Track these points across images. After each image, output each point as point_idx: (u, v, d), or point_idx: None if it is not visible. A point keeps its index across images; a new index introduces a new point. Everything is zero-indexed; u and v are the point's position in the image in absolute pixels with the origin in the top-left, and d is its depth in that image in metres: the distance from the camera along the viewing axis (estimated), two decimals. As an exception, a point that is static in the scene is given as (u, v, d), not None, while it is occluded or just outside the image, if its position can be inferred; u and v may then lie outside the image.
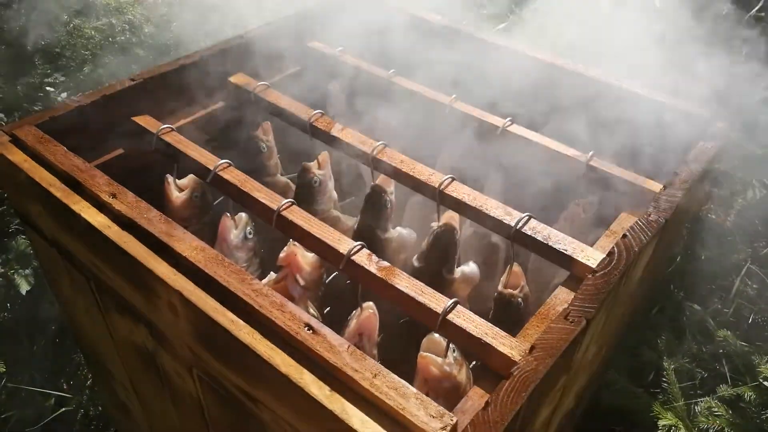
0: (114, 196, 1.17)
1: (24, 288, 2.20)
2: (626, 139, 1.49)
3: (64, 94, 2.63)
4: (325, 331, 0.94)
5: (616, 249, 1.13)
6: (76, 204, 1.15)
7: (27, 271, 2.24)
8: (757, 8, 1.97)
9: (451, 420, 0.82)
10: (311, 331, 0.93)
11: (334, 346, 0.91)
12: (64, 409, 2.07)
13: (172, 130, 1.46)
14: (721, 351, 1.58)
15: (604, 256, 1.13)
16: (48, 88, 2.69)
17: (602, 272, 1.09)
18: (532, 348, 0.95)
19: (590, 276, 1.09)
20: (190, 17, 2.73)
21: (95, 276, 1.27)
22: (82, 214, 1.13)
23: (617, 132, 1.49)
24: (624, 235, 1.16)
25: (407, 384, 0.87)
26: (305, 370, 0.90)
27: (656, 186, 1.36)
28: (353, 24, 1.78)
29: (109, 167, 1.36)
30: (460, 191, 1.34)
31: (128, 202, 1.16)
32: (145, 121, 1.48)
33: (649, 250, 1.23)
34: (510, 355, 0.98)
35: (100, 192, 1.17)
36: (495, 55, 1.75)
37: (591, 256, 1.17)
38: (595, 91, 1.59)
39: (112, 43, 2.68)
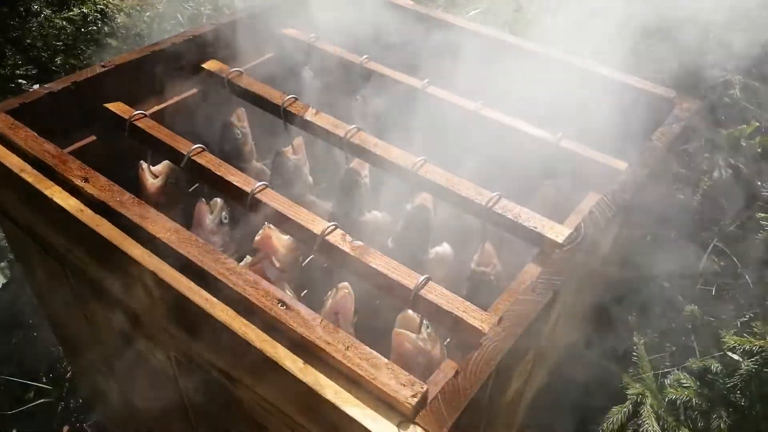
0: (86, 180, 1.17)
1: (0, 280, 2.19)
2: (594, 120, 1.53)
3: (36, 86, 2.60)
4: (299, 306, 0.96)
5: (582, 224, 1.16)
6: (48, 189, 1.16)
7: (3, 264, 2.23)
8: (722, -8, 2.01)
9: (422, 387, 0.85)
10: (285, 307, 0.95)
11: (307, 321, 0.93)
12: (42, 400, 2.06)
13: (145, 116, 1.46)
14: (689, 326, 1.63)
15: (572, 231, 1.16)
16: (20, 80, 2.66)
17: (569, 246, 1.12)
18: (500, 320, 0.98)
19: (557, 250, 1.12)
20: (163, 7, 2.71)
21: (70, 262, 1.27)
22: (55, 199, 1.13)
23: (585, 113, 1.52)
24: (590, 212, 1.19)
25: (379, 355, 0.89)
26: (279, 345, 0.92)
27: (623, 165, 1.39)
28: (328, 10, 1.79)
29: (82, 154, 1.36)
30: (433, 173, 1.37)
31: (101, 186, 1.16)
32: (117, 107, 1.48)
33: (615, 226, 1.27)
34: (480, 327, 1.00)
35: (72, 176, 1.17)
36: (468, 39, 1.77)
37: (560, 232, 1.20)
38: (561, 73, 1.62)
39: (85, 34, 2.65)
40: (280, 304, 0.95)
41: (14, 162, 1.22)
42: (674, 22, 2.00)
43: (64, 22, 2.70)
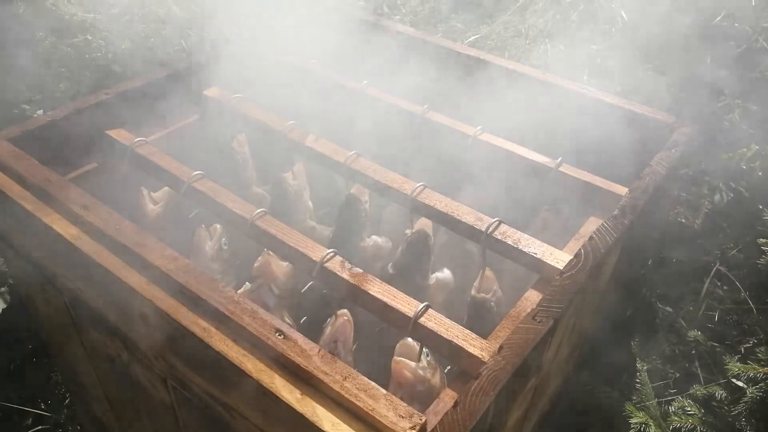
0: (86, 208, 1.17)
1: (0, 306, 2.18)
2: (594, 145, 1.53)
3: (39, 111, 2.62)
4: (296, 336, 0.95)
5: (582, 251, 1.16)
6: (47, 216, 1.16)
7: (3, 289, 2.22)
8: (720, 17, 2.03)
9: (420, 420, 0.84)
10: (282, 337, 0.94)
11: (305, 350, 0.92)
12: (40, 427, 2.04)
13: (146, 143, 1.47)
14: (693, 351, 1.61)
15: (572, 257, 1.16)
16: (24, 106, 2.68)
17: (569, 273, 1.11)
18: (500, 348, 0.97)
19: (557, 277, 1.11)
20: (166, 33, 2.74)
21: (69, 289, 1.27)
22: (54, 227, 1.13)
23: (585, 138, 1.53)
24: (590, 238, 1.19)
25: (377, 386, 0.88)
26: (276, 375, 0.91)
27: (623, 190, 1.39)
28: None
29: (82, 181, 1.37)
30: (432, 198, 1.37)
31: (100, 214, 1.16)
32: (118, 134, 1.49)
33: (616, 251, 1.26)
34: (480, 356, 0.99)
35: (72, 204, 1.18)
36: (468, 65, 1.79)
37: (560, 258, 1.19)
38: (562, 99, 1.63)
39: (89, 60, 2.68)
40: (277, 334, 0.95)
41: (14, 189, 1.22)
42: (673, 47, 2.02)
43: (69, 48, 2.72)
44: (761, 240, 1.56)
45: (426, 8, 2.76)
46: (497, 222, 1.28)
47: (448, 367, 1.26)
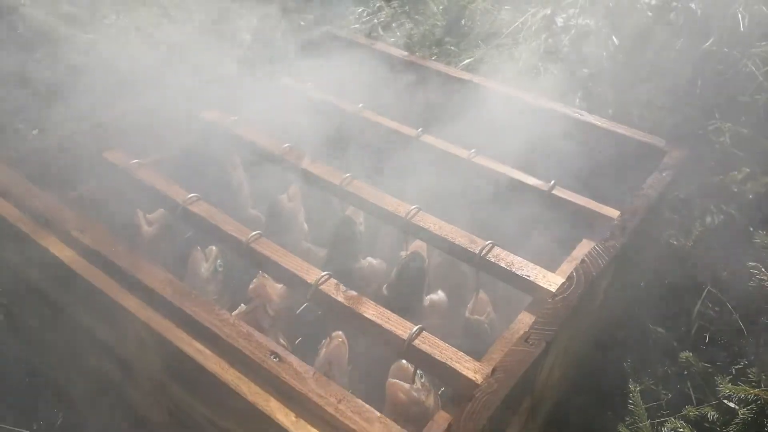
0: (82, 230, 1.18)
1: (-9, 326, 2.16)
2: (586, 168, 1.55)
3: (35, 131, 2.62)
4: (291, 358, 0.96)
5: (574, 273, 1.17)
6: (44, 239, 1.17)
7: (-4, 310, 2.21)
8: (709, 42, 2.07)
9: (414, 443, 0.84)
10: (277, 359, 0.95)
11: (300, 373, 0.93)
12: (32, 449, 2.02)
13: (143, 165, 1.48)
14: (685, 372, 1.62)
15: (564, 280, 1.17)
16: (19, 125, 2.69)
17: (561, 296, 1.12)
18: (493, 370, 0.98)
19: (550, 300, 1.12)
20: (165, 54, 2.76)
21: (64, 311, 1.27)
22: (50, 249, 1.14)
23: (577, 161, 1.55)
24: (582, 260, 1.20)
25: (371, 408, 0.89)
26: (271, 398, 0.91)
27: (615, 213, 1.41)
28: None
29: (79, 203, 1.37)
30: (426, 221, 1.38)
31: (96, 237, 1.17)
32: (115, 156, 1.50)
33: (608, 274, 1.27)
34: (474, 378, 1.00)
35: (69, 227, 1.18)
36: (460, 88, 1.81)
37: (552, 281, 1.20)
38: (554, 122, 1.66)
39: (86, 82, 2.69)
40: (273, 357, 0.95)
41: (11, 212, 1.23)
42: (664, 71, 2.06)
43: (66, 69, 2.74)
44: (751, 263, 1.58)
45: (420, 31, 2.80)
46: (490, 245, 1.29)
47: (442, 389, 1.27)
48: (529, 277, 1.22)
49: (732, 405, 1.45)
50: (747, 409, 1.39)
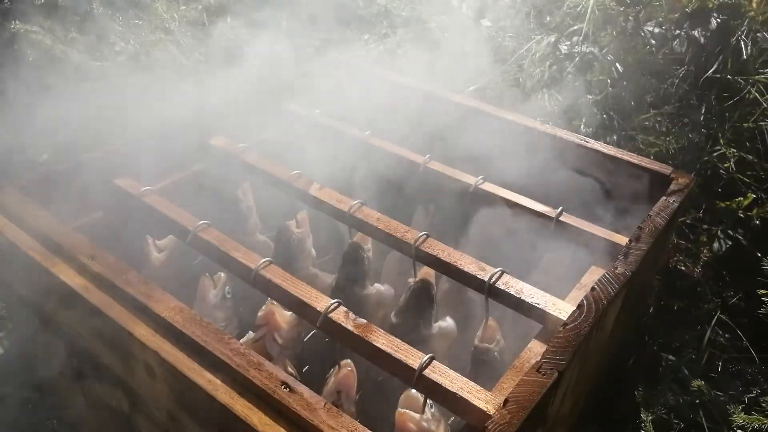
0: (93, 258, 1.18)
1: (-3, 352, 2.16)
2: (593, 196, 1.55)
3: (44, 156, 2.64)
4: (302, 389, 0.95)
5: (585, 302, 1.17)
6: (54, 266, 1.17)
7: (1, 334, 2.20)
8: (712, 70, 2.09)
9: (427, 475, 0.83)
10: (288, 390, 0.95)
11: (311, 404, 0.92)
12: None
13: (153, 191, 1.49)
14: (697, 401, 1.60)
15: (574, 308, 1.16)
16: (28, 150, 2.71)
17: (572, 324, 1.12)
18: (505, 401, 0.97)
19: (561, 328, 1.12)
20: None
21: (71, 338, 1.27)
22: (61, 276, 1.14)
23: (584, 188, 1.55)
24: (592, 288, 1.20)
25: (383, 440, 0.88)
26: (282, 429, 0.90)
27: (623, 240, 1.41)
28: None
29: (89, 230, 1.38)
30: (435, 248, 1.38)
31: (107, 264, 1.17)
32: (125, 183, 1.51)
33: (618, 301, 1.27)
34: (485, 409, 0.99)
35: (80, 254, 1.19)
36: (465, 114, 1.83)
37: (562, 309, 1.20)
38: (560, 149, 1.66)
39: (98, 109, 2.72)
40: (283, 387, 0.95)
41: (22, 239, 1.23)
42: (668, 98, 2.07)
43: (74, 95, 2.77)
44: (761, 291, 1.57)
45: (425, 58, 2.83)
46: (500, 272, 1.29)
47: (452, 418, 1.25)
48: (539, 305, 1.22)
49: (745, 435, 1.44)
50: (761, 439, 1.38)
